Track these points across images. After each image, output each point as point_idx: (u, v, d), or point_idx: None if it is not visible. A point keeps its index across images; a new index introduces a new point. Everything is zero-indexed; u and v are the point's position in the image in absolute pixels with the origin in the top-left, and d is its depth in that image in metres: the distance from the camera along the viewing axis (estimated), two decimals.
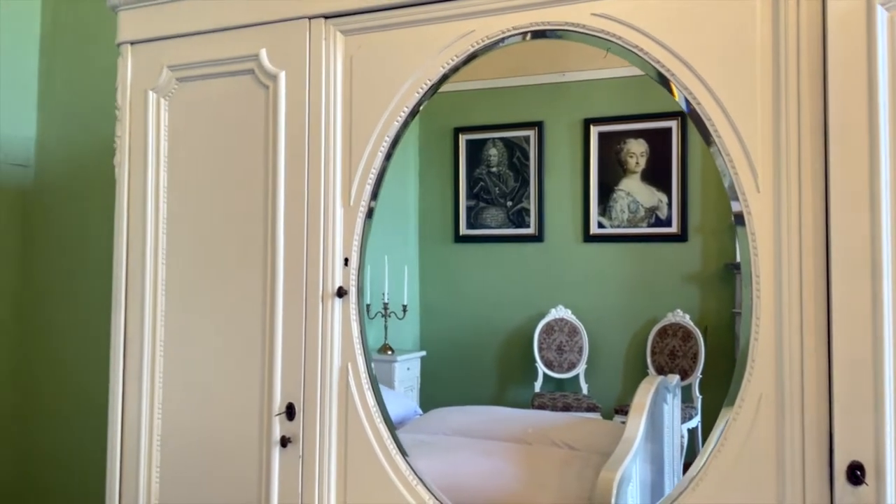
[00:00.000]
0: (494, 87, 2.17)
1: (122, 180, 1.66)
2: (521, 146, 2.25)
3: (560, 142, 2.21)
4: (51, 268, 2.54)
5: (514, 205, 2.23)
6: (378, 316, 2.17)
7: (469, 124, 2.30)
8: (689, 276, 2.05)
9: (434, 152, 2.32)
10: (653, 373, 2.06)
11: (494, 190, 2.26)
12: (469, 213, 2.27)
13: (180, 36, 1.59)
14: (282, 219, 1.50)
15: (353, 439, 1.43)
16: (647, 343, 2.06)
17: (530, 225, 2.20)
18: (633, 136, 2.11)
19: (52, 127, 2.58)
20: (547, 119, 2.23)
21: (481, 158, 2.28)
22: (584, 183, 2.15)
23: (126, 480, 1.61)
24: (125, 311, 1.64)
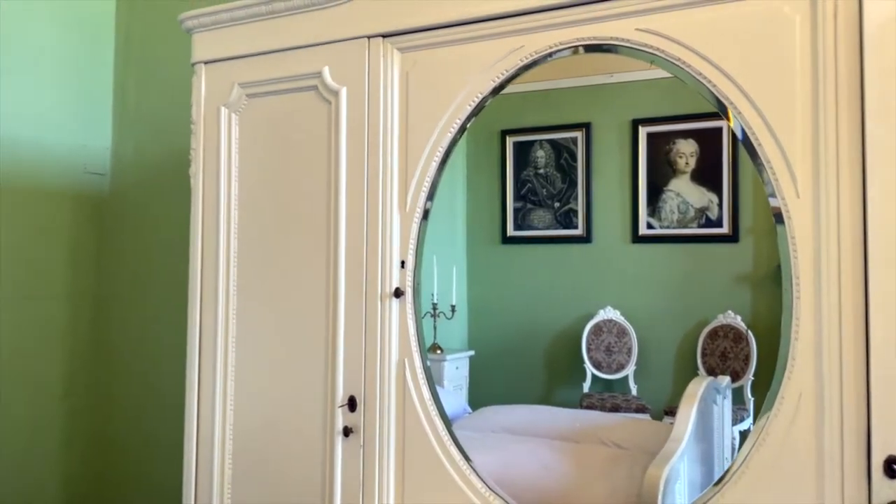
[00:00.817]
0: (541, 90, 2.18)
1: (196, 189, 1.79)
2: (569, 148, 2.26)
3: (608, 143, 2.21)
4: (125, 269, 2.72)
5: (561, 206, 2.24)
6: (427, 316, 2.21)
7: (516, 127, 2.31)
8: (740, 277, 2.02)
9: (482, 155, 2.35)
10: (703, 374, 2.05)
11: (542, 191, 2.27)
12: (516, 214, 2.29)
13: (250, 56, 1.72)
14: (343, 224, 1.60)
15: (409, 430, 1.52)
16: (698, 344, 2.05)
17: (578, 226, 2.20)
18: (682, 136, 2.09)
19: (126, 137, 2.76)
20: (594, 120, 2.23)
21: (528, 160, 2.30)
22: (632, 184, 2.14)
23: (201, 468, 1.74)
24: (200, 310, 1.77)
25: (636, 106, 2.17)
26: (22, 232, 2.47)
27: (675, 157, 2.10)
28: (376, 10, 1.57)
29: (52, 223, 2.57)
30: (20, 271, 2.46)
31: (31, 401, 2.49)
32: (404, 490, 1.52)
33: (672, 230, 2.08)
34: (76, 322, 2.64)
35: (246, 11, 1.70)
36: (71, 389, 2.62)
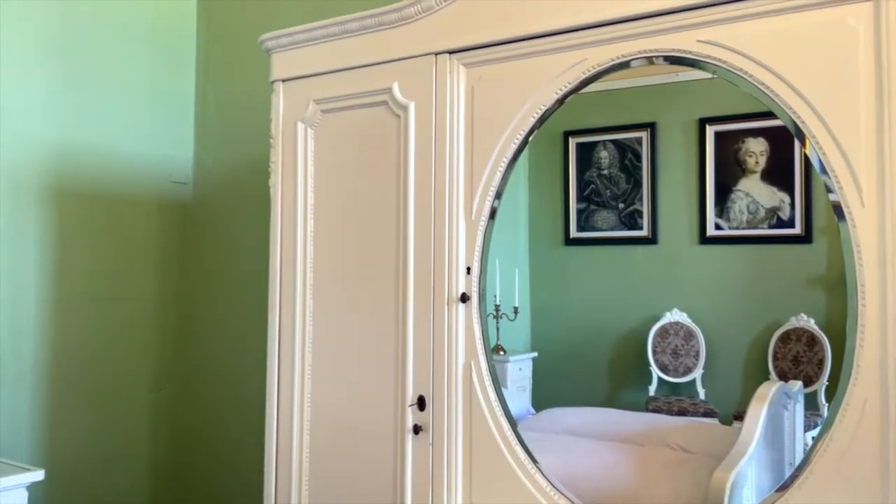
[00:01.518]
0: (605, 90, 2.15)
1: (276, 200, 1.91)
2: (633, 148, 2.24)
3: (674, 142, 2.18)
4: (206, 272, 2.89)
5: (626, 207, 2.22)
6: (490, 317, 2.24)
7: (579, 128, 2.30)
8: (813, 279, 1.97)
9: (543, 157, 2.34)
10: (774, 378, 2.01)
11: (605, 192, 2.26)
12: (579, 215, 2.28)
13: (324, 73, 1.82)
14: (411, 231, 1.68)
15: (476, 429, 1.59)
16: (769, 348, 2.00)
17: (643, 227, 2.18)
18: (751, 134, 2.04)
19: (207, 148, 2.93)
20: (660, 120, 2.21)
21: (592, 161, 2.29)
22: (699, 184, 2.11)
23: (281, 461, 1.86)
24: (279, 312, 1.89)
25: (703, 104, 2.13)
26: (114, 238, 2.66)
27: (745, 156, 2.06)
28: (443, 28, 1.64)
29: (141, 230, 2.76)
30: (112, 275, 2.66)
31: (123, 393, 2.68)
32: (472, 487, 1.58)
33: (741, 231, 2.04)
34: (162, 322, 2.82)
35: (321, 32, 1.80)
36: (157, 384, 2.80)
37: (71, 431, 2.51)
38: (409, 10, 1.67)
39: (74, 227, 2.54)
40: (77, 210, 2.55)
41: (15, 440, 2.36)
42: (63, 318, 2.50)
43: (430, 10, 1.65)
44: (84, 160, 2.57)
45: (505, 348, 2.28)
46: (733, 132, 2.07)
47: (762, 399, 1.75)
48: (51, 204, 2.48)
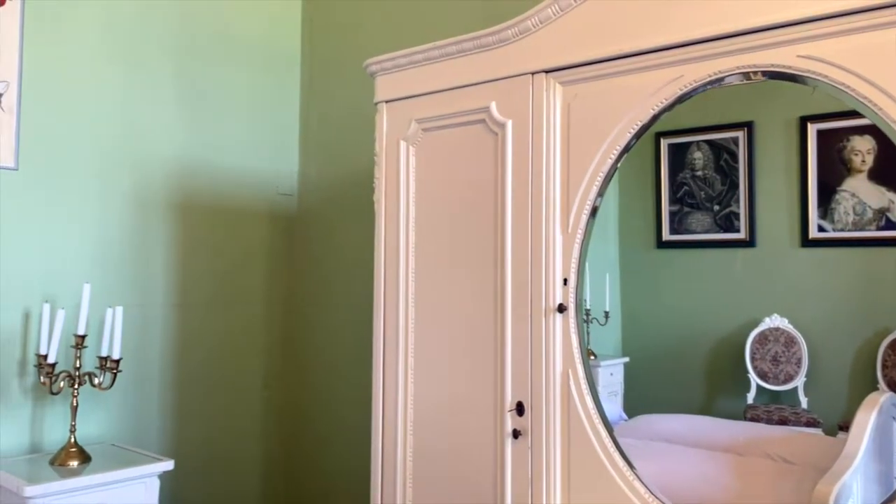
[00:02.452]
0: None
1: (379, 213, 2.03)
2: (729, 148, 2.18)
3: (773, 141, 2.12)
4: (311, 278, 3.07)
5: (721, 209, 2.17)
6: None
7: (671, 128, 2.24)
8: None
9: (634, 158, 2.28)
10: (884, 387, 1.94)
11: (700, 194, 2.21)
12: (672, 218, 2.25)
13: (425, 94, 1.92)
14: (509, 244, 1.76)
15: (574, 435, 1.64)
16: (878, 355, 1.92)
17: (740, 229, 2.12)
18: (857, 132, 1.95)
19: (311, 162, 3.11)
20: (757, 118, 2.14)
21: (685, 162, 2.25)
22: (801, 184, 2.04)
23: (386, 460, 1.98)
24: (383, 319, 2.00)
25: (804, 102, 2.06)
26: (229, 247, 2.88)
27: (850, 154, 1.99)
28: (540, 48, 1.70)
29: (252, 239, 2.96)
30: (228, 281, 2.87)
31: (237, 390, 2.89)
32: (570, 491, 1.64)
33: (847, 233, 1.97)
34: (271, 324, 3.02)
35: (422, 56, 1.90)
36: (268, 382, 3.00)
37: (193, 425, 2.74)
38: (506, 33, 1.75)
39: (194, 237, 2.76)
40: (197, 221, 2.77)
41: (145, 433, 2.60)
42: (185, 321, 2.73)
43: (527, 32, 1.72)
44: (202, 175, 2.79)
45: (595, 353, 2.30)
46: (837, 130, 2.00)
47: (870, 408, 1.69)
48: (174, 216, 2.71)
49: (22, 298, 2.29)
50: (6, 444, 2.25)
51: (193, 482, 2.68)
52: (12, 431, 2.27)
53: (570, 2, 1.66)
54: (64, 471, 2.11)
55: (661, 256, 2.28)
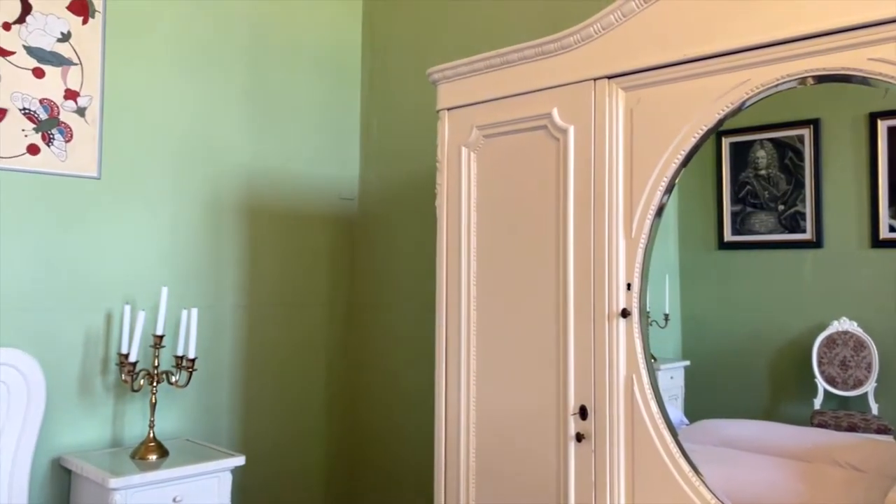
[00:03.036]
0: None
1: (441, 218, 2.07)
2: (794, 146, 2.14)
3: (840, 139, 2.06)
4: (372, 282, 3.14)
5: (786, 209, 2.12)
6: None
7: (733, 127, 2.23)
8: None
9: (695, 157, 2.33)
10: None
11: (763, 194, 2.18)
12: (734, 218, 2.21)
13: (486, 101, 1.95)
14: (571, 249, 1.77)
15: (638, 439, 1.65)
16: None
17: (806, 230, 2.08)
18: None
19: (371, 167, 3.18)
20: (824, 115, 2.09)
21: (748, 161, 2.21)
22: (870, 183, 1.98)
23: (450, 460, 2.02)
24: (446, 322, 2.05)
25: (873, 98, 2.02)
26: (293, 250, 2.97)
27: None
28: (602, 54, 1.71)
29: (315, 242, 3.05)
30: (292, 283, 2.96)
31: (301, 388, 2.99)
32: (634, 496, 1.65)
33: None
34: (333, 325, 3.11)
35: (483, 64, 1.94)
36: (330, 380, 3.09)
37: (260, 422, 2.84)
38: (568, 40, 1.76)
39: (261, 240, 2.87)
40: (263, 226, 2.87)
41: (216, 429, 2.71)
42: (253, 322, 2.83)
43: (589, 38, 1.73)
44: (268, 181, 2.89)
45: (655, 356, 2.27)
46: None
47: None
48: (243, 221, 2.81)
49: (104, 301, 2.42)
50: (90, 439, 2.39)
51: (261, 476, 2.79)
52: (96, 426, 2.40)
53: (632, 7, 1.66)
54: (144, 464, 2.23)
55: (722, 257, 2.25)
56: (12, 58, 2.26)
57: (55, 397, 2.28)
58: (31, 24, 2.29)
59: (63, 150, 2.35)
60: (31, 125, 2.29)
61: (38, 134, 2.30)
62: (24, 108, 2.27)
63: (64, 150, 2.35)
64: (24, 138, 2.27)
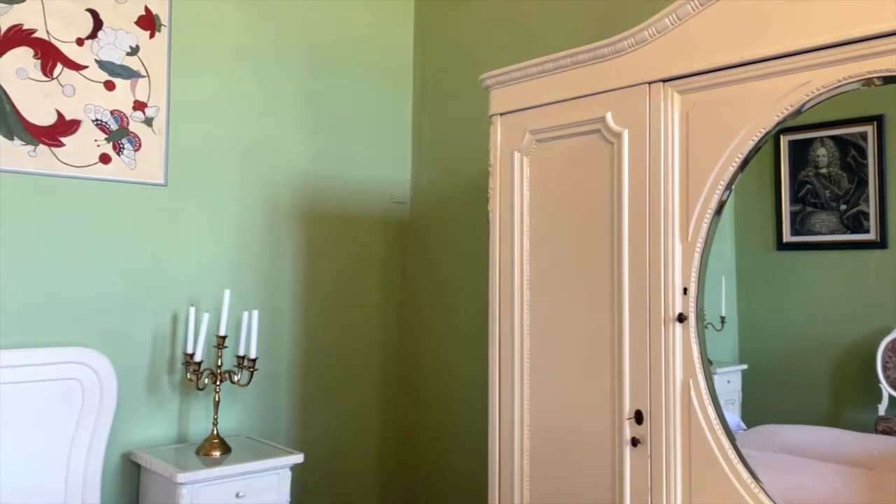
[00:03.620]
0: None
1: (494, 222, 2.09)
2: (857, 144, 2.09)
3: None
4: (424, 284, 3.18)
5: (848, 208, 2.07)
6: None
7: (792, 125, 2.21)
8: None
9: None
10: None
11: (824, 193, 2.13)
12: (793, 218, 2.16)
13: (539, 106, 1.96)
14: (626, 253, 1.77)
15: (696, 445, 1.64)
16: None
17: (870, 230, 2.03)
18: None
19: (423, 171, 3.22)
20: (888, 112, 2.03)
21: (807, 160, 2.17)
22: None
23: (503, 462, 2.04)
24: (498, 325, 2.07)
25: None
26: (348, 253, 3.04)
27: None
28: (657, 58, 1.71)
29: (369, 245, 3.11)
30: (347, 285, 3.03)
31: (356, 388, 3.05)
32: (691, 503, 1.64)
33: None
34: (387, 327, 3.16)
35: (536, 69, 1.95)
36: (384, 381, 3.14)
37: (317, 421, 2.91)
38: (622, 44, 1.76)
39: (317, 243, 2.94)
40: (319, 229, 2.95)
41: (275, 427, 2.80)
42: (309, 323, 2.91)
43: (643, 42, 1.73)
44: (323, 186, 2.97)
45: (711, 359, 2.25)
46: None
47: None
48: (299, 225, 2.89)
49: (171, 302, 2.53)
50: (158, 435, 2.50)
51: (317, 474, 2.86)
52: (162, 423, 2.51)
53: (688, 10, 1.65)
54: (208, 460, 2.32)
55: (781, 259, 2.21)
56: (85, 72, 2.38)
57: (125, 395, 2.40)
58: (103, 39, 2.41)
59: (132, 158, 2.47)
60: (102, 136, 2.41)
61: (109, 144, 2.42)
62: (96, 119, 2.40)
63: (133, 158, 2.47)
64: (96, 148, 2.39)
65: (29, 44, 2.27)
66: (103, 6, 2.41)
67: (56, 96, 2.32)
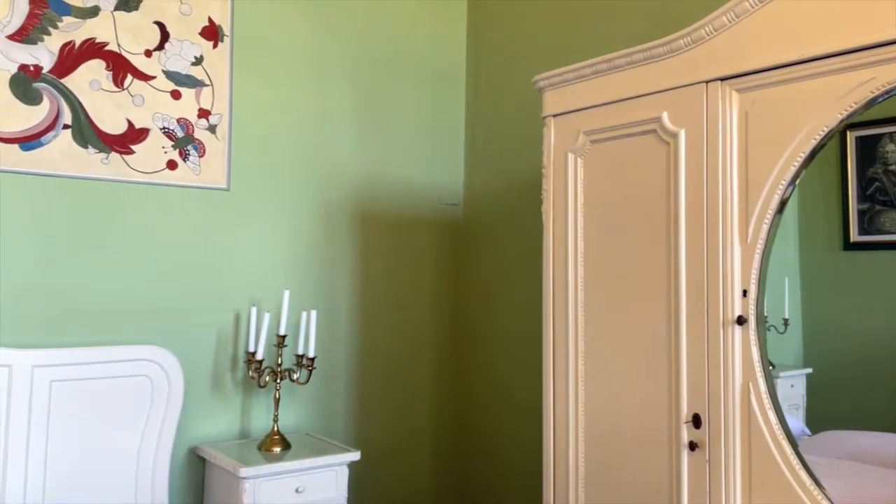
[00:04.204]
0: None
1: (547, 224, 2.10)
2: None
3: None
4: (477, 285, 3.20)
5: None
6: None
7: (859, 120, 2.17)
8: None
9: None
10: None
11: (894, 190, 2.09)
12: (861, 217, 2.09)
13: (593, 107, 1.96)
14: (683, 254, 1.75)
15: (756, 450, 1.61)
16: None
17: None
18: None
19: (475, 173, 3.24)
20: None
21: (876, 156, 2.10)
22: None
23: (558, 464, 2.04)
24: (553, 326, 2.07)
25: None
26: (401, 254, 3.08)
27: None
28: (714, 56, 1.68)
29: (421, 247, 3.15)
30: (399, 286, 3.08)
31: (411, 388, 3.09)
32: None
33: None
34: (440, 327, 3.19)
35: (590, 70, 1.95)
36: (438, 381, 3.18)
37: (373, 419, 2.97)
38: (678, 42, 1.74)
39: (372, 245, 3.00)
40: (374, 231, 3.00)
41: (332, 424, 2.86)
42: (365, 324, 2.96)
43: (700, 41, 1.71)
44: (378, 188, 3.02)
45: (774, 363, 2.20)
46: None
47: None
48: (355, 227, 2.95)
49: (233, 302, 2.62)
50: (222, 430, 2.59)
51: (373, 472, 2.91)
52: (226, 419, 2.61)
53: (746, 7, 1.63)
54: (269, 455, 2.40)
55: (848, 259, 2.15)
56: (153, 82, 2.49)
57: (191, 391, 2.49)
58: (169, 50, 2.52)
59: (197, 164, 2.57)
60: (169, 143, 2.51)
61: (175, 150, 2.53)
62: (163, 127, 2.50)
63: (198, 164, 2.57)
64: (164, 155, 2.50)
65: (101, 56, 2.40)
66: (170, 18, 2.52)
67: (127, 106, 2.43)
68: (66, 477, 2.20)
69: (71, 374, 2.22)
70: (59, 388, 2.21)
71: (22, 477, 2.13)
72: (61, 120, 2.32)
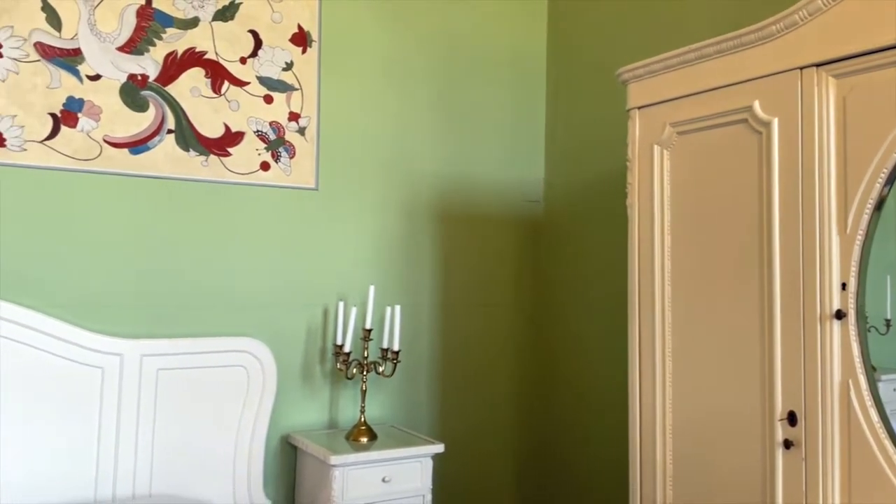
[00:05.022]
0: None
1: (633, 218, 2.07)
2: None
3: None
4: (557, 281, 3.19)
5: None
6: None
7: None
8: None
9: None
10: None
11: None
12: None
13: (680, 98, 1.93)
14: (777, 247, 1.70)
15: (856, 450, 1.54)
16: None
17: None
18: None
19: (556, 170, 3.23)
20: None
21: None
22: None
23: (645, 462, 2.02)
24: (639, 323, 2.05)
25: None
26: (482, 252, 3.11)
27: None
28: (808, 42, 1.63)
29: (501, 244, 3.17)
30: (481, 284, 3.10)
31: (493, 384, 3.11)
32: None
33: None
34: (521, 324, 3.20)
35: (677, 60, 1.92)
36: (520, 377, 3.18)
37: (454, 413, 3.01)
38: (770, 29, 1.70)
39: (454, 243, 3.04)
40: (454, 229, 3.05)
41: (416, 417, 2.92)
42: (447, 320, 3.01)
43: (793, 26, 1.66)
44: (459, 187, 3.06)
45: (876, 366, 2.10)
46: None
47: None
48: (436, 225, 3.01)
49: (322, 297, 2.73)
50: (312, 419, 2.70)
51: (456, 465, 2.95)
52: (315, 409, 2.71)
53: None
54: (357, 445, 2.48)
55: None
56: (248, 87, 2.62)
57: (283, 382, 2.61)
58: (262, 56, 2.65)
59: (288, 165, 2.68)
60: (262, 145, 2.64)
61: (268, 152, 2.65)
62: (257, 130, 2.63)
63: (289, 165, 2.69)
64: (257, 157, 2.63)
65: (201, 64, 2.54)
66: (262, 27, 2.65)
67: (224, 111, 2.57)
68: (169, 461, 2.34)
69: (175, 363, 2.37)
70: (165, 376, 2.36)
71: (132, 460, 2.29)
72: (165, 125, 2.48)
